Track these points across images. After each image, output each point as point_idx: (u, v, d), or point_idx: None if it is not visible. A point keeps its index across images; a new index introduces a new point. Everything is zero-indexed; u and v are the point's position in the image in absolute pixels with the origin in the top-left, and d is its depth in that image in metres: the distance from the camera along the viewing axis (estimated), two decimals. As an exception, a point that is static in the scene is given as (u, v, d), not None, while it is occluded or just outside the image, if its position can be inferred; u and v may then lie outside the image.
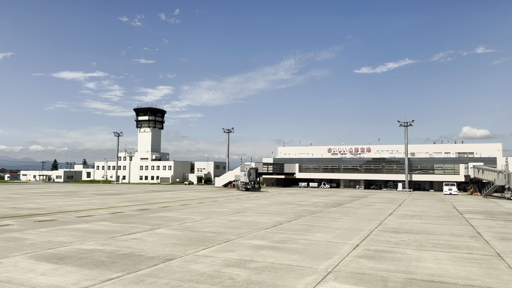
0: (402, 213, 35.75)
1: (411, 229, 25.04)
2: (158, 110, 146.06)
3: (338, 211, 37.15)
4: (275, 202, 47.49)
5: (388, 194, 74.10)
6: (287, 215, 32.52)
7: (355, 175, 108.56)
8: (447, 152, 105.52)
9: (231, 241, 19.23)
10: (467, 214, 36.48)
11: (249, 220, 28.18)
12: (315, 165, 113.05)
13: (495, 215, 35.55)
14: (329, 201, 50.53)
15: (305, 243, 18.88)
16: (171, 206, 40.05)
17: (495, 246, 19.03)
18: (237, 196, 59.22)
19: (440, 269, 13.98)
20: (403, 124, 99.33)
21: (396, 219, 31.01)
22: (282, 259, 15.20)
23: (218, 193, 69.26)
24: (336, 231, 23.46)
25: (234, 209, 36.93)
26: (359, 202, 49.81)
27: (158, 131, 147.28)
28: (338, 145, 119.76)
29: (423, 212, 37.66)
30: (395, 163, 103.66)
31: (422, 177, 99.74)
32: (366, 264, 14.66)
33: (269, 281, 12.11)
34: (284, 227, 24.66)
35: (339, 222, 27.85)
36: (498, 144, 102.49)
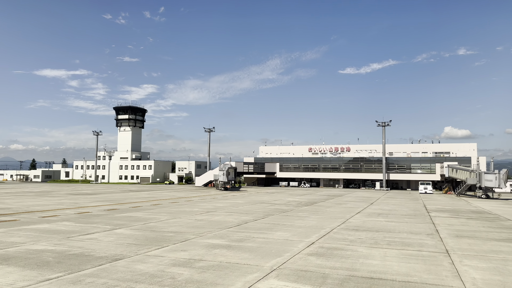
0: (371, 212, 36.29)
1: (373, 227, 25.46)
2: (139, 109, 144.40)
3: (308, 210, 37.45)
4: (250, 202, 47.57)
5: (364, 193, 75.10)
6: (256, 214, 32.63)
7: (334, 174, 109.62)
8: (424, 151, 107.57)
9: (188, 240, 19.20)
10: (434, 212, 37.29)
11: (216, 220, 28.16)
12: (296, 165, 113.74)
13: (460, 213, 36.44)
14: (304, 200, 50.90)
15: (262, 242, 19.00)
16: (142, 206, 39.69)
17: (447, 244, 19.52)
18: (213, 196, 59.09)
19: (384, 266, 14.27)
20: (381, 124, 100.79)
21: (362, 217, 31.47)
22: (232, 258, 15.25)
23: (195, 192, 68.96)
24: (298, 229, 23.67)
25: (205, 209, 36.85)
26: (332, 201, 50.33)
27: (138, 130, 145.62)
28: (318, 145, 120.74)
29: (392, 210, 38.33)
30: (373, 162, 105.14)
31: (399, 176, 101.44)
32: (313, 261, 14.85)
33: (210, 280, 12.14)
34: (248, 226, 24.75)
35: (304, 221, 28.10)
36: (473, 144, 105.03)
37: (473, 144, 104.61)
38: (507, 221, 30.25)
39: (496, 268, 14.20)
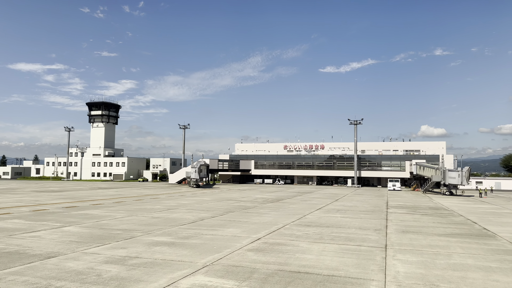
0: (331, 208, 36.92)
1: (326, 222, 25.92)
2: (112, 104, 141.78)
3: (271, 206, 37.77)
4: (216, 199, 47.57)
5: (334, 190, 76.24)
6: (217, 211, 32.68)
7: (308, 172, 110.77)
8: (395, 149, 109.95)
9: (133, 238, 19.08)
10: (393, 208, 38.26)
11: (173, 217, 28.06)
12: (270, 162, 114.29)
13: (418, 210, 37.51)
14: (272, 197, 51.27)
15: (208, 238, 19.07)
16: (104, 203, 39.10)
17: (389, 239, 20.10)
18: (182, 193, 58.77)
19: (317, 260, 14.58)
20: (353, 123, 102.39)
21: (320, 213, 31.99)
22: (169, 255, 15.27)
23: (166, 190, 68.40)
24: (251, 226, 23.86)
25: (167, 206, 36.63)
26: (300, 198, 50.90)
27: (112, 126, 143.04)
28: (294, 142, 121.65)
29: (352, 206, 39.10)
30: (345, 160, 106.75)
31: (371, 174, 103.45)
32: (249, 256, 15.03)
33: (136, 277, 12.14)
34: (203, 223, 24.77)
35: (262, 217, 28.34)
36: (442, 142, 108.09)
37: (442, 142, 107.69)
38: (459, 217, 31.36)
39: (424, 262, 14.75)
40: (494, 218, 31.23)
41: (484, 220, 29.60)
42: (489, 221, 29.03)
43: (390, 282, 11.91)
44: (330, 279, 12.10)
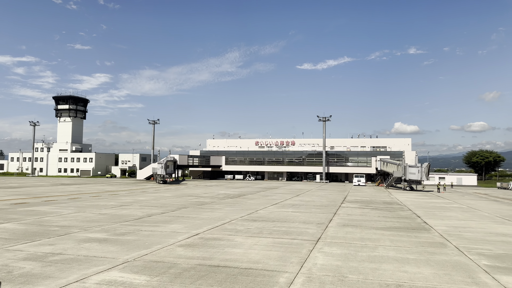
0: (288, 203, 37.41)
1: (274, 217, 26.26)
2: (80, 98, 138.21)
3: (229, 202, 37.91)
4: (178, 195, 47.30)
5: (301, 186, 77.22)
6: (171, 207, 32.51)
7: (278, 168, 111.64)
8: (363, 146, 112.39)
9: (68, 234, 18.75)
10: (347, 203, 39.15)
11: (121, 214, 27.72)
12: (241, 158, 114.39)
13: (371, 204, 38.53)
14: (235, 193, 51.42)
15: (145, 235, 18.97)
16: (57, 200, 38.16)
17: (327, 232, 20.58)
18: (145, 189, 58.09)
19: (243, 254, 14.79)
20: (322, 119, 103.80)
21: (274, 208, 32.36)
22: (96, 252, 15.11)
23: (130, 186, 67.40)
24: (197, 221, 23.90)
25: (122, 203, 36.14)
26: (262, 193, 51.29)
27: (79, 121, 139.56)
28: (265, 139, 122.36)
29: (309, 201, 39.76)
30: (314, 156, 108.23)
31: (339, 169, 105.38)
32: (177, 252, 15.07)
33: (48, 273, 11.96)
34: (148, 220, 24.60)
35: (213, 213, 28.41)
36: (408, 139, 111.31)
37: (408, 139, 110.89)
38: (407, 211, 32.43)
39: (346, 254, 15.21)
40: (439, 212, 32.50)
41: (429, 214, 30.76)
42: (434, 215, 30.19)
43: (302, 274, 12.24)
44: (245, 272, 12.31)
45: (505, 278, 12.17)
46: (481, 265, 13.79)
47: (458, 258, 14.93)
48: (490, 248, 17.03)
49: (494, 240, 19.12)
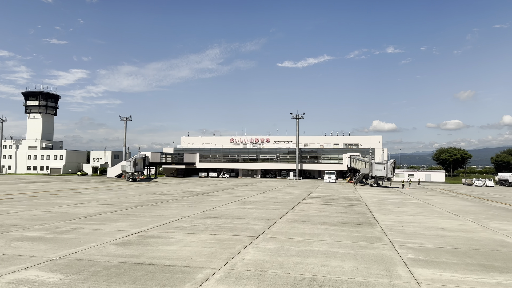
0: (250, 200, 37.54)
1: (228, 214, 26.30)
2: (51, 94, 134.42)
3: (191, 200, 37.74)
4: (142, 193, 46.78)
5: (272, 183, 77.66)
6: (127, 205, 32.11)
7: (252, 165, 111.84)
8: (336, 143, 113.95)
9: (4, 233, 18.22)
10: (309, 199, 39.62)
11: (72, 212, 27.19)
12: (215, 155, 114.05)
13: (331, 200, 39.10)
14: (201, 190, 51.24)
15: (84, 233, 18.67)
16: (13, 198, 37.08)
17: (273, 228, 20.75)
18: (110, 187, 57.16)
19: (174, 252, 14.74)
20: (295, 117, 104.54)
21: (233, 205, 32.41)
22: (23, 250, 14.76)
23: (97, 184, 66.18)
24: (146, 219, 23.67)
25: (79, 201, 35.45)
26: (229, 190, 51.30)
27: (50, 117, 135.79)
28: (240, 136, 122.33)
29: (272, 198, 40.03)
30: (288, 153, 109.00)
31: (312, 166, 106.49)
32: (108, 250, 14.90)
33: (-41, 273, 11.62)
34: (96, 218, 24.21)
35: (168, 211, 28.22)
36: (379, 136, 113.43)
37: (379, 137, 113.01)
38: (362, 207, 33.07)
39: (279, 249, 15.39)
40: (394, 207, 33.29)
41: (383, 209, 31.46)
42: (387, 210, 30.90)
43: (223, 270, 12.31)
44: (166, 269, 12.28)
45: (420, 271, 12.58)
46: (404, 259, 14.22)
47: (386, 252, 15.34)
48: (423, 242, 17.57)
49: (431, 234, 19.74)
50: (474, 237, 19.07)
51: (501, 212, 30.68)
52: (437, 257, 14.46)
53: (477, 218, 26.68)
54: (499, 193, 57.91)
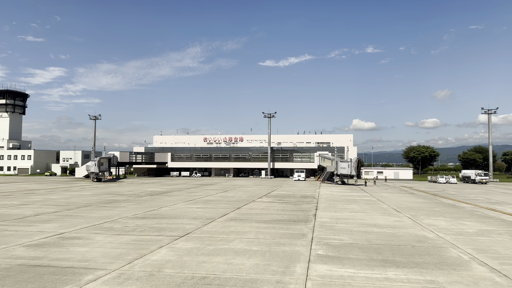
0: (205, 199, 37.32)
1: (171, 214, 26.02)
2: (18, 93, 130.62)
3: (143, 200, 37.25)
4: (98, 193, 45.91)
5: (241, 181, 77.61)
6: (73, 206, 31.39)
7: (225, 164, 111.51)
8: (308, 142, 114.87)
9: None
10: (265, 198, 39.70)
11: (9, 213, 26.35)
12: (188, 154, 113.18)
13: (287, 198, 39.27)
14: (162, 190, 50.69)
15: (3, 235, 18.08)
16: (-44, 200, 35.72)
17: (206, 226, 20.62)
18: (70, 187, 55.88)
19: (83, 253, 14.41)
20: (267, 116, 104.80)
21: (183, 205, 32.11)
22: None
23: (59, 184, 64.59)
24: (80, 220, 23.16)
25: (25, 202, 34.44)
26: (192, 190, 50.93)
27: (18, 116, 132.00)
28: (213, 135, 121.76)
29: (229, 197, 39.91)
30: (261, 152, 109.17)
31: (284, 165, 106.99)
32: (15, 252, 14.42)
33: None
34: (29, 219, 23.52)
35: (110, 211, 27.71)
36: (350, 135, 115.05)
37: (350, 135, 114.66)
38: (311, 204, 33.31)
39: (192, 249, 15.25)
40: (343, 204, 33.69)
41: (330, 206, 31.80)
42: (333, 207, 31.24)
43: (119, 270, 12.09)
44: (59, 271, 11.97)
45: (317, 267, 12.69)
46: (312, 255, 14.33)
47: (300, 248, 15.44)
48: (344, 238, 17.78)
49: (359, 230, 20.02)
50: (398, 233, 19.44)
51: (444, 208, 31.48)
52: (346, 253, 14.65)
53: (416, 214, 27.27)
54: (457, 189, 59.55)
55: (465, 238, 18.16)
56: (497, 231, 20.05)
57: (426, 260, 13.77)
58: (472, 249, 15.60)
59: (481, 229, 20.71)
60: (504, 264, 13.27)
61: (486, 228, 21.07)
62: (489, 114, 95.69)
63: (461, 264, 13.22)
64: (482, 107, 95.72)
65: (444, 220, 24.21)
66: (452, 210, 30.05)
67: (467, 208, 32.09)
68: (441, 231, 19.94)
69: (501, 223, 23.24)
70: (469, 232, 19.72)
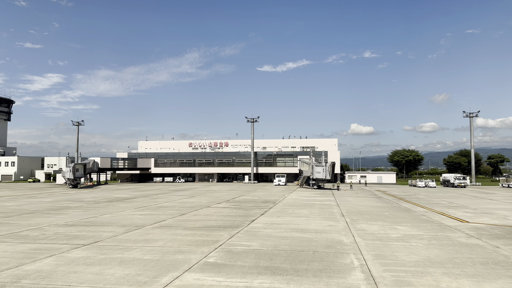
0: (160, 205, 36.78)
1: (108, 221, 25.46)
2: (3, 99, 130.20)
3: (95, 207, 36.68)
4: (61, 200, 45.32)
5: (218, 187, 77.04)
6: (16, 213, 30.77)
7: (209, 169, 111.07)
8: (293, 146, 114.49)
9: None
10: (224, 203, 39.17)
11: None
12: (171, 160, 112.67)
13: (245, 203, 38.74)
14: (127, 197, 50.10)
15: None
16: None
17: (123, 235, 20.09)
18: (37, 195, 55.19)
19: None
20: (250, 120, 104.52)
21: (129, 212, 31.55)
22: None
23: (30, 191, 63.86)
24: (5, 227, 22.60)
25: (-27, 209, 33.83)
26: (158, 195, 50.35)
27: (3, 122, 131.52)
28: (199, 140, 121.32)
29: (190, 202, 39.36)
30: (244, 156, 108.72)
31: (267, 170, 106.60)
32: None
33: None
34: (-45, 226, 22.97)
35: (46, 219, 27.12)
36: (334, 139, 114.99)
37: (334, 139, 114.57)
38: (263, 209, 32.80)
39: (78, 258, 14.75)
40: (295, 209, 33.16)
41: (281, 211, 31.27)
42: (283, 212, 30.71)
43: (-26, 282, 11.58)
44: None
45: (190, 275, 12.17)
46: (200, 263, 13.80)
47: (195, 256, 14.90)
48: (253, 244, 17.24)
49: (279, 235, 19.50)
50: (317, 238, 18.96)
51: (394, 213, 31.04)
52: (236, 261, 14.14)
53: (358, 219, 26.80)
54: (430, 193, 59.16)
55: (380, 243, 17.69)
56: (420, 236, 19.60)
57: (311, 267, 13.30)
58: (372, 255, 15.14)
59: (406, 234, 20.26)
60: (387, 271, 12.81)
61: (413, 233, 20.62)
62: (470, 118, 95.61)
63: (343, 271, 12.75)
64: (464, 110, 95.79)
65: (379, 225, 23.75)
66: (400, 215, 29.61)
67: (419, 212, 31.66)
68: (363, 236, 19.48)
69: (434, 228, 22.80)
70: (391, 237, 19.26)
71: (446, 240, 18.56)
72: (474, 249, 16.28)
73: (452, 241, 18.29)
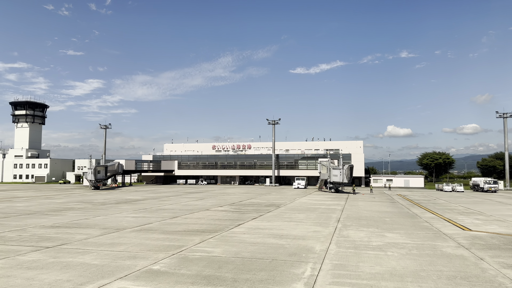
0: (163, 208, 36.77)
1: (97, 223, 25.53)
2: (38, 104, 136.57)
3: (98, 207, 37.21)
4: (70, 201, 46.49)
5: (234, 189, 76.63)
6: (18, 213, 31.69)
7: (231, 172, 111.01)
8: (316, 149, 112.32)
9: None
10: (227, 206, 38.60)
11: None
12: (194, 162, 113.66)
13: (247, 207, 37.96)
14: (138, 198, 50.69)
15: None
16: None
17: (101, 236, 19.93)
18: (55, 196, 57.05)
19: None
20: (271, 122, 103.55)
21: (126, 213, 31.67)
22: None
23: (54, 192, 66.23)
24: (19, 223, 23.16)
25: (-17, 209, 35.23)
26: (170, 197, 50.63)
27: (38, 126, 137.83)
28: (222, 142, 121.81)
29: (195, 205, 39.14)
30: (266, 159, 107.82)
31: (289, 172, 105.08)
32: None
33: None
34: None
35: (43, 219, 27.64)
36: (360, 141, 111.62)
37: (360, 142, 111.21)
38: (257, 213, 31.89)
39: (30, 261, 14.58)
40: (294, 213, 32.01)
41: (277, 216, 30.24)
42: (279, 216, 29.67)
43: None
44: None
45: (115, 284, 11.61)
46: (142, 270, 13.23)
47: (143, 262, 14.35)
48: (216, 251, 16.44)
49: (253, 242, 18.57)
50: (288, 244, 17.87)
51: (396, 219, 29.17)
52: (183, 268, 13.41)
53: (351, 225, 25.32)
54: (453, 198, 55.76)
55: (352, 252, 16.38)
56: (403, 245, 18.02)
57: (255, 277, 12.34)
58: (333, 265, 13.94)
59: (390, 242, 18.74)
60: (334, 284, 11.62)
61: (399, 241, 19.04)
62: (504, 118, 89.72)
63: (284, 283, 11.70)
64: (497, 110, 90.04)
65: (368, 232, 22.22)
66: (400, 221, 27.76)
67: (424, 218, 29.59)
68: (341, 244, 18.18)
69: (427, 236, 21.01)
70: (370, 246, 17.84)
71: (429, 250, 16.93)
72: (451, 261, 14.66)
73: (435, 251, 16.65)
